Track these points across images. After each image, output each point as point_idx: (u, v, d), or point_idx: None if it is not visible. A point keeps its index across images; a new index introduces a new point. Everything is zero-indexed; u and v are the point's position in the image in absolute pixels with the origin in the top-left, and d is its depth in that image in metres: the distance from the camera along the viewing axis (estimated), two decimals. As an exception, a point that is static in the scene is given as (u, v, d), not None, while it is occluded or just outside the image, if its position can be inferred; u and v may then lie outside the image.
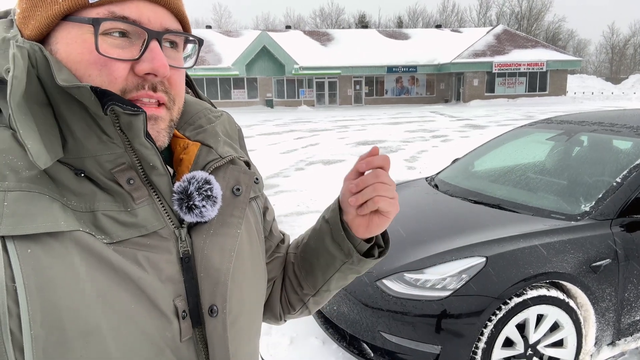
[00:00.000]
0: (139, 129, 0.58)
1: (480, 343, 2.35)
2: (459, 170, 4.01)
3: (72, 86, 0.54)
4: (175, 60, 0.64)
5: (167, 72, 0.60)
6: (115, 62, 0.57)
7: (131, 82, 0.59)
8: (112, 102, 0.55)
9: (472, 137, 14.19)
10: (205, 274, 0.65)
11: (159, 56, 0.59)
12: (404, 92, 38.28)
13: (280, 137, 15.72)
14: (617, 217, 2.70)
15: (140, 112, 0.57)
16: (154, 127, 0.62)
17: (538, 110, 25.20)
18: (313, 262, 0.85)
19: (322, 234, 0.82)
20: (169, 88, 0.63)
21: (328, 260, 0.82)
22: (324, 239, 0.82)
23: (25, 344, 0.50)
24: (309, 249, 0.86)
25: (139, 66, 0.59)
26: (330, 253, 0.81)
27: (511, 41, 36.39)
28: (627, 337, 2.74)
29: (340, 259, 0.81)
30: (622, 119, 3.56)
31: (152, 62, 0.58)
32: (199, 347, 0.65)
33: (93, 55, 0.57)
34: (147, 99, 0.61)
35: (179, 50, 0.66)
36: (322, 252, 0.83)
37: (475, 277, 2.41)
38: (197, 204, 0.64)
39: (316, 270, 0.85)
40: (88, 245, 0.55)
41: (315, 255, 0.84)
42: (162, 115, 0.63)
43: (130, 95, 0.59)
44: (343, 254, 0.81)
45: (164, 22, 0.61)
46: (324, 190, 7.63)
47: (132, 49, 0.59)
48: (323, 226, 0.83)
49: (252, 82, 35.63)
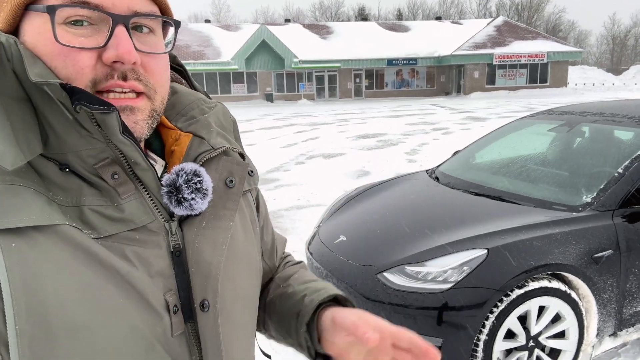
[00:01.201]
0: (114, 127, 0.56)
1: (482, 335, 2.35)
2: (459, 163, 3.99)
3: (42, 82, 0.52)
4: (150, 46, 0.61)
5: (133, 58, 0.56)
6: (79, 51, 0.54)
7: (100, 72, 0.56)
8: (79, 102, 0.53)
9: (472, 129, 14.16)
10: (196, 268, 0.63)
11: (123, 42, 0.55)
12: (404, 85, 38.19)
13: (280, 131, 15.69)
14: (619, 207, 2.69)
15: (110, 110, 0.54)
16: (129, 118, 0.59)
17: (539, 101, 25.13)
18: (277, 319, 0.81)
19: (294, 312, 0.78)
20: (144, 76, 0.60)
21: (285, 333, 0.80)
22: (291, 317, 0.78)
23: (10, 339, 0.49)
24: (280, 307, 0.81)
25: (105, 54, 0.55)
26: (290, 332, 0.78)
27: (512, 32, 36.23)
28: (628, 328, 2.74)
29: (291, 342, 0.79)
30: (624, 109, 3.53)
31: (117, 49, 0.55)
32: (191, 342, 0.64)
33: (56, 46, 0.54)
34: (119, 89, 0.57)
35: (157, 35, 0.63)
36: (285, 325, 0.79)
37: (476, 269, 2.40)
38: (186, 197, 0.62)
39: (275, 326, 0.82)
40: (74, 240, 0.54)
41: (280, 318, 0.81)
42: (139, 105, 0.60)
43: (102, 86, 0.56)
44: (297, 343, 0.78)
45: (132, 5, 0.57)
46: (325, 184, 7.62)
47: (98, 37, 0.56)
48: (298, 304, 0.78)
49: (251, 76, 35.54)
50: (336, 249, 2.92)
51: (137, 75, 0.59)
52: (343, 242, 2.96)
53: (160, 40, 0.64)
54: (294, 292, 0.81)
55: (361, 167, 8.95)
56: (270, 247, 0.87)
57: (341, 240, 2.99)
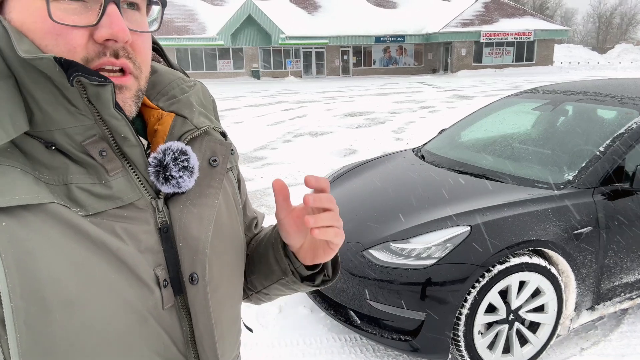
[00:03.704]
0: (107, 100, 0.56)
1: (463, 309, 2.41)
2: (445, 141, 4.03)
3: (34, 57, 0.52)
4: (137, 24, 0.61)
5: (127, 36, 0.56)
6: (71, 30, 0.54)
7: (92, 50, 0.56)
8: (77, 73, 0.53)
9: (459, 107, 14.21)
10: (184, 244, 0.65)
11: (117, 20, 0.55)
12: (391, 63, 37.98)
13: (267, 109, 15.57)
14: (599, 185, 2.75)
15: (107, 82, 0.55)
16: (119, 97, 0.59)
17: (525, 80, 25.23)
18: (257, 265, 0.85)
19: (269, 244, 0.82)
20: (132, 54, 0.60)
21: (267, 270, 0.83)
22: (268, 250, 0.82)
23: (6, 315, 0.50)
24: (257, 253, 0.86)
25: (98, 32, 0.55)
26: (271, 266, 0.82)
27: (499, 10, 36.05)
28: (605, 302, 2.83)
29: (277, 275, 0.82)
30: (607, 88, 3.58)
31: (111, 27, 0.55)
32: (181, 314, 0.66)
33: (47, 24, 0.53)
34: (110, 67, 0.58)
35: (142, 13, 0.63)
36: (265, 261, 0.83)
37: (459, 246, 2.45)
38: (173, 175, 0.63)
39: (258, 274, 0.85)
40: (64, 218, 0.54)
41: (259, 261, 0.84)
42: (128, 84, 0.60)
43: (93, 64, 0.56)
44: (280, 271, 0.81)
45: None
46: (312, 162, 7.62)
47: (89, 14, 0.55)
48: (270, 237, 0.82)
49: (237, 52, 34.99)
50: (323, 227, 2.95)
51: (127, 54, 0.59)
52: (329, 220, 2.99)
53: (145, 18, 0.63)
54: (266, 234, 0.86)
55: (348, 145, 8.96)
56: (250, 221, 0.89)
57: (328, 218, 3.01)
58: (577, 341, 2.95)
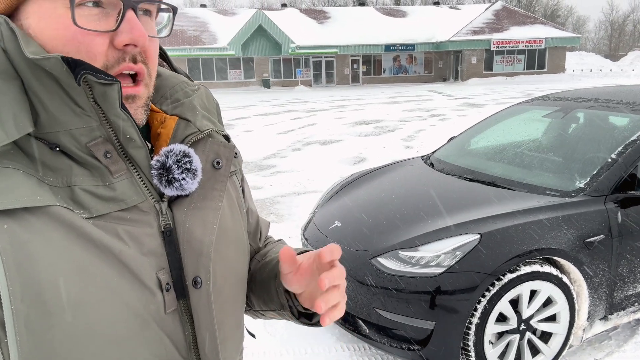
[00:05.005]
0: (114, 99, 0.57)
1: (474, 318, 2.38)
2: (454, 149, 4.00)
3: (42, 58, 0.53)
4: (150, 30, 0.63)
5: (147, 41, 0.58)
6: (93, 37, 0.55)
7: (112, 57, 0.57)
8: (85, 71, 0.54)
9: (469, 115, 14.14)
10: (187, 247, 0.65)
11: (137, 26, 0.57)
12: (401, 71, 37.97)
13: (277, 118, 15.64)
14: (612, 193, 2.71)
15: (114, 81, 0.56)
16: (131, 106, 0.61)
17: (536, 87, 25.05)
18: (258, 289, 0.85)
19: (272, 275, 0.81)
20: (146, 60, 0.61)
21: (267, 297, 0.83)
22: (270, 281, 0.81)
23: (6, 319, 0.50)
24: (260, 276, 0.85)
25: (118, 38, 0.57)
26: (271, 295, 0.82)
27: (510, 18, 35.96)
28: (619, 312, 2.78)
29: (276, 305, 0.82)
30: (619, 95, 3.54)
31: (132, 33, 0.57)
32: (184, 318, 0.65)
33: (69, 31, 0.54)
34: (128, 71, 0.59)
35: (153, 19, 0.64)
36: (266, 289, 0.83)
37: (469, 254, 2.42)
38: (176, 177, 0.63)
39: (258, 298, 0.85)
40: (66, 220, 0.55)
41: (261, 286, 0.84)
42: (139, 93, 0.62)
43: (113, 71, 0.58)
44: (279, 303, 0.81)
45: None
46: (321, 171, 7.62)
47: (108, 21, 0.57)
48: (274, 268, 0.81)
49: (248, 62, 35.25)
50: (331, 235, 2.94)
51: (143, 59, 0.61)
52: (338, 228, 2.98)
53: (154, 25, 0.65)
54: (271, 259, 0.84)
55: (358, 153, 8.95)
56: (255, 228, 0.89)
57: (336, 226, 3.01)
58: (590, 352, 2.89)
